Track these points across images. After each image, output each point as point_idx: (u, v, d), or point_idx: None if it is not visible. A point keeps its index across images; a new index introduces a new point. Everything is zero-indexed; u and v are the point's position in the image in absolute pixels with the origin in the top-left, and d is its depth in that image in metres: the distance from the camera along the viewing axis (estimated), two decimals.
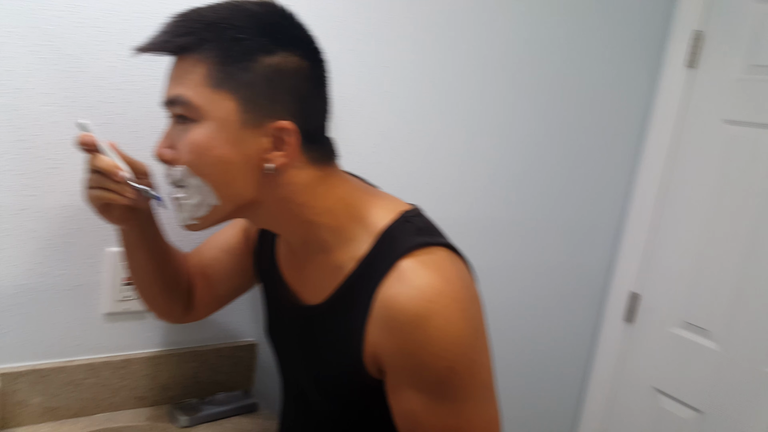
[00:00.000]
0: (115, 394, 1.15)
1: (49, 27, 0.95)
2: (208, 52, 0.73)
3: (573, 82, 1.62)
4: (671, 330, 1.77)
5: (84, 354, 1.12)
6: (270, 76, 0.74)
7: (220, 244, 1.07)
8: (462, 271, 0.80)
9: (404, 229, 0.81)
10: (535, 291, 1.77)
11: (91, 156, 0.80)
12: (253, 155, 0.76)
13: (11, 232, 1.00)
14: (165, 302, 1.02)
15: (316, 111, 0.81)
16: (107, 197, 0.81)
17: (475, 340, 0.77)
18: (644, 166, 1.82)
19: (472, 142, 1.50)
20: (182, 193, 0.79)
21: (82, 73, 0.99)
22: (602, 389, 1.93)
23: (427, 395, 0.76)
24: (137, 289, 1.01)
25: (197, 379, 1.24)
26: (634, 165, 1.84)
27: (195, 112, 0.75)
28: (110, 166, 0.80)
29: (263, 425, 1.20)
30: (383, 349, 0.77)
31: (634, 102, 1.77)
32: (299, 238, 0.86)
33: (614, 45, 1.66)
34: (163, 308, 1.03)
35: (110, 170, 0.80)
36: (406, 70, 1.34)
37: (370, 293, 0.78)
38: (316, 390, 0.91)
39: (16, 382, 1.04)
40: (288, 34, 0.77)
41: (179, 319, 1.07)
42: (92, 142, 0.80)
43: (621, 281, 1.88)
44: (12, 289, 1.02)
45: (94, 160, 0.80)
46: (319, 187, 0.81)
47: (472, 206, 1.56)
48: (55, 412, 1.09)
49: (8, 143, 0.96)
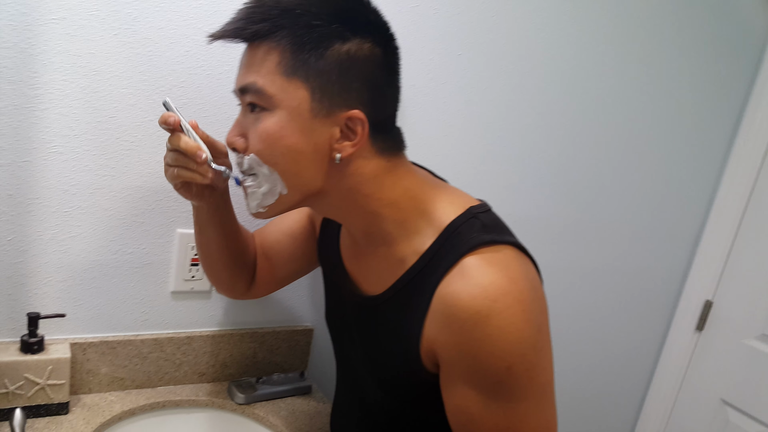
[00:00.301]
0: (178, 368, 1.18)
1: (130, 11, 0.97)
2: (282, 39, 0.72)
3: (659, 79, 1.56)
4: (745, 341, 1.70)
5: (150, 329, 1.16)
6: (343, 64, 0.73)
7: (283, 228, 1.08)
8: (528, 272, 0.78)
9: (470, 225, 0.79)
10: (603, 294, 1.73)
11: (174, 135, 0.81)
12: (323, 145, 0.76)
13: (87, 210, 1.03)
14: (229, 278, 1.04)
15: (387, 100, 0.79)
16: (187, 176, 0.82)
17: (536, 342, 0.75)
18: (730, 170, 1.74)
19: (545, 135, 1.46)
20: (251, 181, 0.80)
21: (159, 57, 1.01)
22: (665, 397, 1.87)
23: (483, 393, 0.75)
24: (204, 263, 1.03)
25: (255, 359, 1.27)
26: (721, 169, 1.76)
27: (267, 100, 0.74)
28: (192, 147, 0.80)
29: (316, 407, 1.22)
30: (440, 344, 0.76)
31: (725, 106, 1.70)
32: (362, 229, 0.86)
33: (714, 35, 1.59)
34: (227, 283, 1.05)
35: (192, 151, 0.80)
36: (479, 58, 1.31)
37: (432, 288, 0.76)
38: (371, 379, 0.91)
39: (87, 352, 1.09)
40: (363, 20, 0.75)
41: (241, 295, 1.09)
42: (176, 121, 0.80)
43: (695, 288, 1.81)
44: (86, 264, 1.06)
45: (176, 140, 0.80)
46: (386, 178, 0.80)
47: (540, 203, 1.52)
48: (122, 383, 1.13)
49: (86, 124, 0.99)
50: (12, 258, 1.00)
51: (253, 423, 1.17)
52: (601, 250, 1.67)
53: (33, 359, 0.98)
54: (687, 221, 1.78)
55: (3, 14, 0.89)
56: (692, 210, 1.78)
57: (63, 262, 1.04)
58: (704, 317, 1.79)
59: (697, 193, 1.77)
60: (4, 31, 0.90)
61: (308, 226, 1.07)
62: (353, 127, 0.75)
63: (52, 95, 0.95)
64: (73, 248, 1.04)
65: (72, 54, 0.95)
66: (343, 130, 0.76)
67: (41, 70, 0.94)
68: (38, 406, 1.01)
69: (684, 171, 1.71)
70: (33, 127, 0.95)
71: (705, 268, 1.79)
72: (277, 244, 1.08)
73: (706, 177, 1.76)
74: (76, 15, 0.94)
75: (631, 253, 1.72)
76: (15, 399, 0.98)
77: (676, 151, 1.67)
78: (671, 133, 1.64)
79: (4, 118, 0.93)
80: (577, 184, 1.55)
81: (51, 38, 0.93)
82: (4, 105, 0.92)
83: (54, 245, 1.03)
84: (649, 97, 1.57)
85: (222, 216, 0.95)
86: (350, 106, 0.74)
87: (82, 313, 1.09)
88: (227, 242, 0.98)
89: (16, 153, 0.95)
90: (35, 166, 0.97)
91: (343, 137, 0.76)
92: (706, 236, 1.79)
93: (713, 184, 1.78)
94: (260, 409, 1.17)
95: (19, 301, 1.03)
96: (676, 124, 1.64)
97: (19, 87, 0.93)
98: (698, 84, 1.63)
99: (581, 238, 1.62)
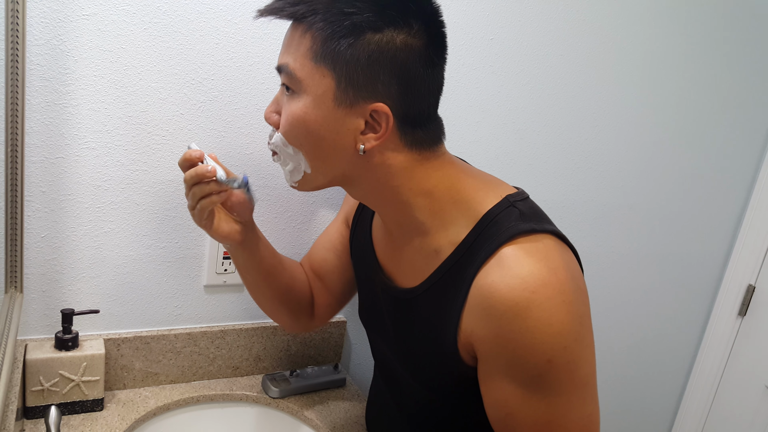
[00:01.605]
0: (211, 363, 1.18)
1: (159, 4, 0.97)
2: (315, 23, 0.71)
3: (701, 65, 1.53)
4: None
5: (184, 323, 1.16)
6: (372, 55, 0.71)
7: (325, 244, 1.08)
8: (569, 261, 0.75)
9: (508, 213, 0.77)
10: (642, 280, 1.71)
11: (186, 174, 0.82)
12: (346, 134, 0.75)
13: (119, 205, 1.03)
14: (289, 313, 1.05)
15: (422, 93, 0.76)
16: (208, 202, 0.83)
17: (577, 334, 0.73)
18: None
19: (581, 118, 1.43)
20: (278, 159, 0.81)
21: (190, 50, 1.01)
22: (707, 384, 1.85)
23: (523, 387, 0.73)
24: (261, 306, 1.04)
25: (289, 352, 1.26)
26: (762, 151, 1.73)
27: (296, 83, 0.74)
28: (202, 169, 0.81)
29: (351, 400, 1.22)
30: (479, 337, 0.75)
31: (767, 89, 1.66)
32: (395, 219, 0.84)
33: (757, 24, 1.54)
34: (289, 320, 1.06)
35: (203, 173, 0.81)
36: (511, 42, 1.29)
37: (469, 280, 0.75)
38: (407, 372, 0.90)
39: (121, 348, 1.09)
40: (403, 9, 0.72)
41: (306, 326, 1.10)
42: (199, 155, 0.82)
43: (737, 272, 1.77)
44: (119, 260, 1.07)
45: (188, 173, 0.82)
46: (416, 170, 0.78)
47: (577, 188, 1.49)
48: (156, 378, 1.14)
49: (118, 119, 0.99)
50: (46, 255, 1.01)
51: (287, 416, 1.16)
52: (639, 235, 1.64)
53: (67, 356, 0.99)
54: (728, 204, 1.75)
55: (35, 11, 0.89)
56: (733, 193, 1.74)
57: (96, 257, 1.05)
58: (747, 302, 1.76)
59: (737, 176, 1.73)
60: (36, 28, 0.90)
61: (346, 233, 1.06)
62: (378, 120, 0.74)
63: (83, 91, 0.95)
64: (106, 244, 1.05)
65: (103, 49, 0.95)
66: (369, 122, 0.74)
67: (73, 66, 0.94)
68: (73, 402, 1.01)
69: (724, 153, 1.67)
70: (65, 123, 0.96)
71: (747, 252, 1.75)
72: (324, 262, 1.08)
73: (746, 159, 1.72)
74: (107, 10, 0.93)
75: (671, 237, 1.69)
76: (50, 396, 0.99)
77: (717, 134, 1.64)
78: (712, 116, 1.61)
79: (37, 115, 0.93)
80: (615, 168, 1.52)
81: (82, 34, 0.93)
82: (37, 102, 0.93)
83: (87, 241, 1.03)
84: (691, 81, 1.53)
85: (258, 255, 0.96)
86: (376, 99, 0.73)
87: (116, 308, 1.09)
88: (272, 280, 0.99)
89: (49, 150, 0.96)
90: (68, 162, 0.98)
91: (368, 129, 0.75)
92: (747, 220, 1.75)
93: (754, 167, 1.74)
94: (294, 402, 1.17)
95: (53, 298, 1.04)
96: (717, 108, 1.60)
97: (51, 83, 0.93)
98: (740, 69, 1.59)
99: (620, 223, 1.59)
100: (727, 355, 1.80)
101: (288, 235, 1.20)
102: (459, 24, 1.22)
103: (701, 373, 1.85)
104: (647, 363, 1.82)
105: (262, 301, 1.03)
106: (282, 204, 1.17)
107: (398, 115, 0.74)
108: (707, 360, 1.84)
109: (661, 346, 1.82)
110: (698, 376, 1.86)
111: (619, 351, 1.75)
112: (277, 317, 1.06)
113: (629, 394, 1.83)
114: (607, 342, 1.71)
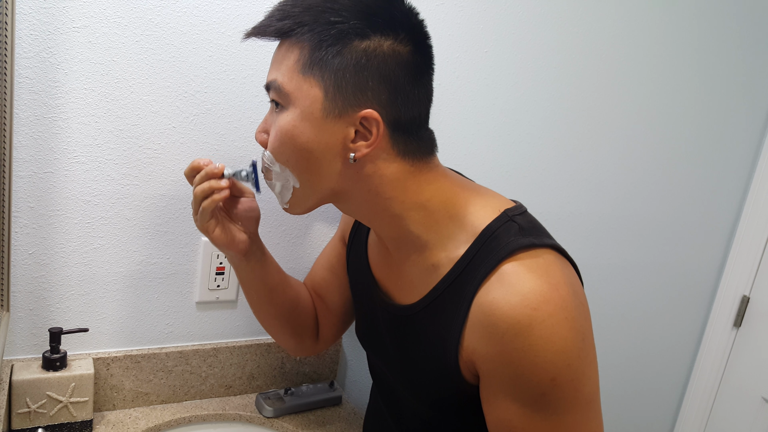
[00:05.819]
0: (204, 382, 1.16)
1: (151, 17, 0.95)
2: (302, 36, 0.71)
3: (692, 75, 1.53)
4: None
5: (175, 341, 1.13)
6: (360, 62, 0.70)
7: (323, 264, 1.07)
8: (570, 276, 0.74)
9: (507, 228, 0.75)
10: (637, 291, 1.70)
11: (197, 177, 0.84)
12: (336, 145, 0.74)
13: (109, 220, 1.01)
14: (292, 335, 1.04)
15: (412, 100, 0.75)
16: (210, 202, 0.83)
17: (580, 351, 0.71)
18: (763, 162, 1.70)
19: (575, 131, 1.43)
20: (272, 178, 0.80)
21: (182, 62, 0.99)
22: (704, 396, 1.84)
23: (526, 406, 0.72)
24: (265, 326, 1.04)
25: (283, 370, 1.24)
26: (754, 161, 1.73)
27: (284, 98, 0.74)
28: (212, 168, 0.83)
29: (347, 418, 1.20)
30: (480, 356, 0.73)
31: (758, 98, 1.66)
32: (390, 234, 0.82)
33: (745, 27, 1.54)
34: (292, 342, 1.05)
35: (212, 171, 0.82)
36: (505, 55, 1.28)
37: (469, 297, 0.73)
38: (407, 390, 0.88)
39: (110, 367, 1.06)
40: (389, 17, 0.72)
41: (311, 348, 1.09)
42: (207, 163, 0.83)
43: (731, 283, 1.77)
44: (109, 276, 1.04)
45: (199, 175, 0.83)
46: (410, 181, 0.77)
47: (572, 200, 1.49)
48: (147, 398, 1.11)
49: (108, 133, 0.97)
50: (33, 272, 0.98)
51: None
52: (633, 247, 1.63)
53: (55, 376, 0.96)
54: (721, 215, 1.75)
55: (24, 23, 0.87)
56: (726, 203, 1.74)
57: (85, 274, 1.02)
58: (741, 313, 1.75)
59: (730, 186, 1.73)
60: (25, 41, 0.88)
61: (343, 251, 1.04)
62: (369, 127, 0.73)
63: (73, 105, 0.94)
64: (95, 260, 1.02)
65: (94, 62, 0.93)
66: (359, 130, 0.73)
67: (63, 79, 0.92)
68: (61, 425, 0.98)
69: (717, 164, 1.68)
70: (55, 137, 0.94)
71: (741, 263, 1.74)
72: (324, 282, 1.07)
73: (739, 170, 1.72)
74: (98, 23, 0.92)
75: (665, 248, 1.69)
76: (37, 418, 0.96)
77: (709, 144, 1.64)
78: (703, 127, 1.61)
79: (25, 129, 0.91)
80: (609, 180, 1.52)
81: (72, 47, 0.91)
82: (26, 115, 0.91)
83: (76, 258, 1.01)
84: (682, 92, 1.54)
85: (263, 270, 0.95)
86: (366, 106, 0.72)
87: (106, 326, 1.06)
88: (276, 297, 0.98)
89: (38, 164, 0.94)
90: (56, 177, 0.96)
91: (358, 137, 0.73)
92: (741, 230, 1.75)
93: (747, 177, 1.74)
94: (289, 421, 1.14)
95: (41, 316, 1.01)
96: (708, 118, 1.61)
97: (41, 97, 0.91)
98: (731, 78, 1.60)
99: (614, 235, 1.59)
100: (723, 367, 1.80)
101: (283, 250, 1.18)
102: (453, 37, 1.21)
103: (698, 385, 1.84)
104: (643, 376, 1.81)
105: (266, 320, 1.02)
106: (276, 218, 1.16)
107: (389, 122, 0.73)
108: (703, 372, 1.83)
109: (657, 358, 1.81)
110: (695, 388, 1.85)
111: (615, 364, 1.74)
112: (280, 338, 1.04)
113: (626, 408, 1.82)
114: (603, 355, 1.69)
